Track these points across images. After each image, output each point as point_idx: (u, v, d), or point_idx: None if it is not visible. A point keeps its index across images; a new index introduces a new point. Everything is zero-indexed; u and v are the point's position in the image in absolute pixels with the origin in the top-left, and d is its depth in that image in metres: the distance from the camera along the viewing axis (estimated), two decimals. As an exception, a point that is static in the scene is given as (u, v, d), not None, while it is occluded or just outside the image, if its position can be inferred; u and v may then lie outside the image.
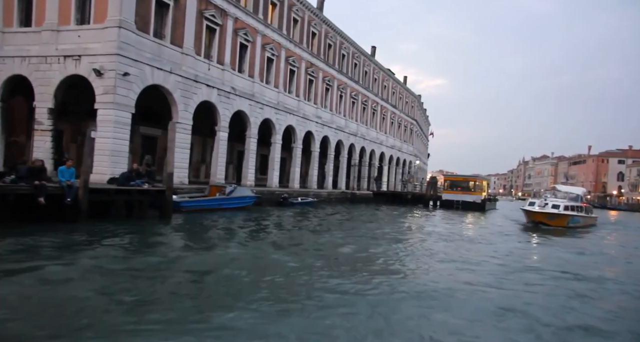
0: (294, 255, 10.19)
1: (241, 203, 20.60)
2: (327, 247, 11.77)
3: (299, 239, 13.08)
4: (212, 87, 22.43)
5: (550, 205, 24.37)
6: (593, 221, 28.94)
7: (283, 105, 29.22)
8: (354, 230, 16.71)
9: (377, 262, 10.15)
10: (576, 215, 24.87)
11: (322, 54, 34.19)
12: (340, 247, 11.79)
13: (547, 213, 23.64)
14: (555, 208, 23.97)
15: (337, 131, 37.26)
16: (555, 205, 24.27)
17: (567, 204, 24.74)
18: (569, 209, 24.53)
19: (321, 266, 9.24)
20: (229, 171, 30.75)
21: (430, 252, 12.19)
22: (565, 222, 23.64)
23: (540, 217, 23.74)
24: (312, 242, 12.46)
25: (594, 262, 13.26)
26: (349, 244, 12.21)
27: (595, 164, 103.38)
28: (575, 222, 24.64)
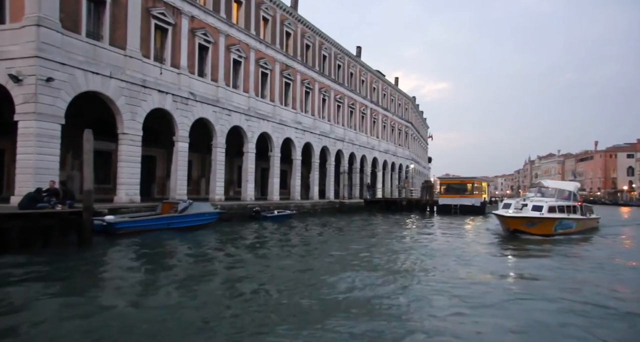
0: (195, 309, 7.54)
1: (199, 221, 18.21)
2: (259, 290, 9.25)
3: (225, 273, 10.56)
4: (165, 93, 20.23)
5: (531, 206, 18.89)
6: (593, 224, 23.92)
7: (255, 111, 26.97)
8: (316, 251, 14.25)
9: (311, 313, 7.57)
10: (567, 218, 19.53)
11: (299, 55, 32.02)
12: (275, 285, 9.26)
13: (524, 218, 18.15)
14: (537, 210, 18.47)
15: (321, 137, 34.91)
16: (537, 206, 18.70)
17: (553, 204, 19.16)
18: (557, 210, 19.14)
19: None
20: (199, 185, 28.55)
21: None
22: (551, 228, 18.50)
23: (515, 224, 18.12)
24: (238, 278, 9.93)
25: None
26: (286, 285, 9.40)
27: (603, 159, 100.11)
28: (566, 227, 19.46)
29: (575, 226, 20.13)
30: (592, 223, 23.55)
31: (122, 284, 8.67)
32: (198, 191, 28.06)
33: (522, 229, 18.11)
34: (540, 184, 22.65)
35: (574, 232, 19.89)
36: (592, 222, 23.71)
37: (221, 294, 8.01)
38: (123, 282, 8.86)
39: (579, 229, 20.71)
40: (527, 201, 19.69)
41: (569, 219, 19.70)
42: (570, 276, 10.54)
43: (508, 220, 18.30)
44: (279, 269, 10.40)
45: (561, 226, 19.03)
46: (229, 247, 13.83)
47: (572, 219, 19.93)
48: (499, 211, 19.61)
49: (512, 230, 18.21)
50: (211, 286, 8.58)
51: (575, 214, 20.75)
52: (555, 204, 19.42)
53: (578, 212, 21.17)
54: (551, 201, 19.54)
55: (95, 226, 14.54)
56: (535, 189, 22.71)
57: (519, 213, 18.66)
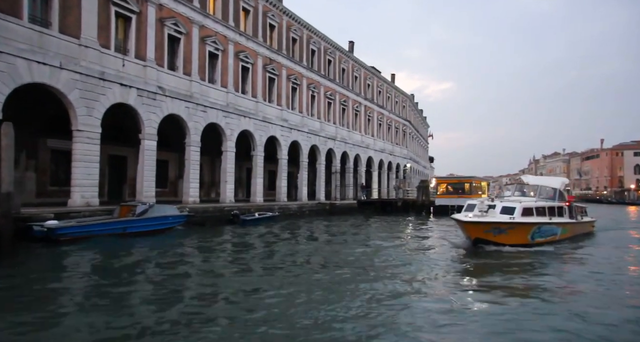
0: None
1: (161, 225, 16.57)
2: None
3: (144, 292, 8.90)
4: (128, 87, 18.63)
5: (499, 208, 14.66)
6: (586, 228, 19.99)
7: (235, 107, 25.34)
8: (272, 261, 12.60)
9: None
10: (548, 222, 15.35)
11: (284, 49, 30.38)
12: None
13: (488, 224, 13.89)
14: (507, 213, 14.36)
15: (310, 135, 33.23)
16: (508, 208, 14.59)
17: (529, 206, 15.01)
18: (535, 212, 14.98)
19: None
20: (177, 186, 26.94)
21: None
22: (526, 236, 14.49)
23: (477, 232, 13.99)
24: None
25: None
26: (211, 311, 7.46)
27: (609, 157, 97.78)
28: (548, 234, 15.44)
29: (560, 232, 16.19)
30: (584, 228, 19.72)
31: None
32: (175, 193, 26.47)
33: (487, 238, 13.93)
34: (519, 180, 19.03)
35: (559, 239, 16.11)
36: (585, 226, 19.94)
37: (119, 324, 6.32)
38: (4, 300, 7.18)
39: (567, 235, 16.90)
40: (496, 201, 15.41)
41: (552, 224, 15.55)
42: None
43: (467, 226, 14.05)
44: (210, 287, 8.70)
45: (541, 233, 15.01)
46: (176, 257, 12.15)
47: (556, 223, 15.79)
48: (459, 215, 15.10)
49: (474, 239, 14.03)
50: (108, 311, 6.90)
51: (562, 217, 16.63)
52: (533, 205, 15.25)
53: (565, 215, 17.07)
54: (528, 201, 15.61)
55: (35, 232, 13.03)
56: (514, 187, 18.71)
57: (482, 217, 14.21)
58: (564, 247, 15.25)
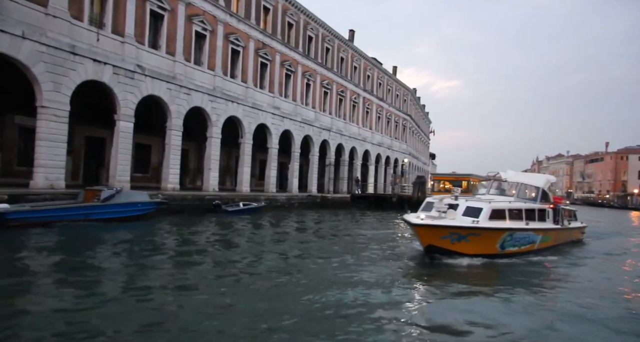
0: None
1: (128, 212, 15.47)
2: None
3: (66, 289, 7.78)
4: (103, 64, 17.44)
5: (462, 209, 11.75)
6: (574, 236, 17.27)
7: (222, 91, 24.12)
8: (231, 259, 11.46)
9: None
10: (524, 228, 12.52)
11: (279, 33, 29.06)
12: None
13: (445, 228, 10.95)
14: (471, 215, 11.50)
15: (303, 125, 31.99)
16: (473, 208, 11.74)
17: (500, 207, 12.22)
18: (507, 215, 12.20)
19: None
20: (160, 172, 25.82)
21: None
22: (494, 244, 11.62)
23: (430, 238, 10.98)
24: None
25: None
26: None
27: (613, 161, 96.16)
28: (522, 242, 12.59)
29: (540, 240, 13.39)
30: (571, 235, 16.89)
31: None
32: (158, 179, 25.30)
33: (443, 246, 10.99)
34: (497, 176, 15.51)
35: (538, 249, 13.32)
36: (573, 233, 17.09)
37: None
38: None
39: (549, 244, 14.17)
40: (459, 200, 12.18)
41: (529, 230, 12.72)
42: None
43: (419, 230, 11.08)
44: (139, 291, 7.56)
45: (513, 240, 12.14)
46: (122, 248, 11.02)
47: (534, 230, 12.92)
48: (409, 215, 12.00)
49: (426, 247, 11.15)
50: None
51: (543, 221, 13.84)
52: (506, 206, 12.48)
53: (548, 219, 14.26)
54: (500, 202, 12.96)
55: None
56: (490, 183, 15.57)
57: (437, 219, 11.35)
58: (540, 261, 12.47)
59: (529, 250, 12.96)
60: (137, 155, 24.40)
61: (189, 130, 25.24)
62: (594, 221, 35.14)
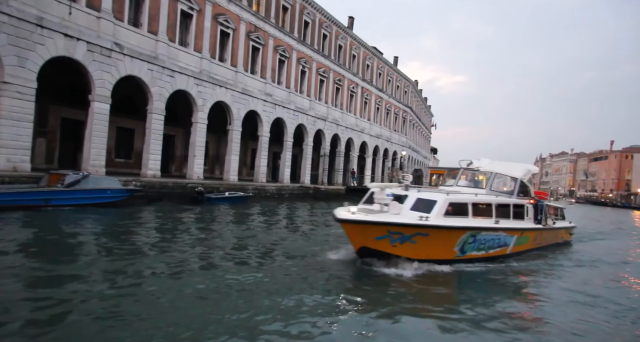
0: None
1: (95, 199, 14.47)
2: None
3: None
4: (75, 39, 16.29)
5: (411, 202, 9.50)
6: (557, 237, 14.66)
7: (209, 75, 22.96)
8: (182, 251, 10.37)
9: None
10: (492, 227, 10.09)
11: (272, 17, 27.79)
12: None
13: (383, 226, 8.36)
14: (420, 209, 9.17)
15: (297, 113, 30.81)
16: (424, 201, 9.46)
17: (460, 201, 9.76)
18: (469, 211, 9.77)
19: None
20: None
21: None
22: (450, 247, 9.30)
23: (363, 238, 8.52)
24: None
25: None
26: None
27: (618, 160, 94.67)
28: (490, 244, 10.18)
29: (515, 242, 11.05)
30: (555, 236, 14.39)
31: None
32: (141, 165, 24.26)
33: (381, 249, 8.50)
34: (469, 165, 12.97)
35: (512, 253, 11.05)
36: (558, 234, 14.68)
37: None
38: None
39: (526, 246, 11.91)
40: (410, 191, 9.99)
41: (499, 231, 10.30)
42: None
43: (347, 228, 8.46)
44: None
45: (477, 243, 9.76)
46: (71, 237, 9.99)
47: (506, 229, 10.53)
48: (340, 208, 9.28)
49: (359, 250, 8.67)
50: None
51: (519, 219, 11.43)
52: (470, 199, 9.96)
53: (527, 218, 11.87)
54: (463, 194, 10.47)
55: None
56: (459, 173, 12.81)
57: (374, 214, 8.72)
58: (510, 269, 10.01)
59: (500, 254, 10.60)
60: (120, 139, 23.40)
61: (176, 115, 24.25)
62: (594, 220, 33.99)
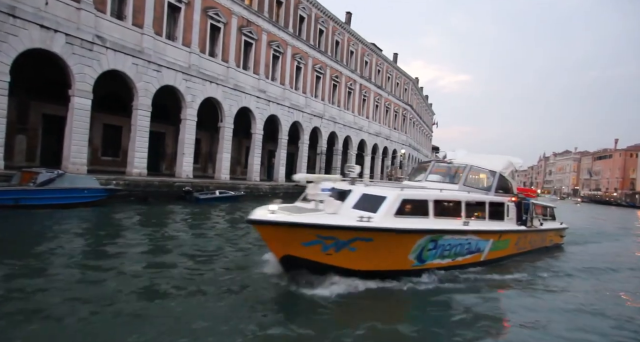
0: None
1: (70, 199, 13.72)
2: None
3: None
4: (52, 31, 15.56)
5: (354, 199, 7.63)
6: (546, 241, 12.82)
7: (199, 70, 22.21)
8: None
9: None
10: (458, 230, 8.32)
11: (265, 11, 27.00)
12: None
13: (311, 228, 6.50)
14: (367, 207, 7.37)
15: (292, 110, 30.03)
16: (371, 197, 7.58)
17: (416, 197, 7.93)
18: (431, 210, 8.00)
19: None
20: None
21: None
22: (404, 255, 7.44)
23: (285, 244, 6.61)
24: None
25: None
26: None
27: (622, 158, 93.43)
28: (459, 251, 8.47)
29: (490, 247, 9.31)
30: (544, 239, 12.65)
31: None
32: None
33: (310, 258, 6.72)
34: (444, 156, 11.59)
35: (487, 261, 9.29)
36: (547, 237, 12.90)
37: None
38: None
39: (506, 252, 10.15)
40: (355, 186, 8.19)
41: (468, 234, 8.54)
42: None
43: (263, 232, 6.64)
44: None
45: (442, 249, 8.02)
46: (24, 241, 9.27)
47: (479, 232, 8.87)
48: (259, 209, 7.25)
49: (282, 259, 6.82)
50: None
51: (499, 220, 9.79)
52: (432, 195, 8.17)
53: (508, 218, 10.20)
54: (425, 190, 8.69)
55: None
56: (431, 165, 10.93)
57: (307, 212, 7.02)
58: (481, 283, 8.01)
59: (472, 262, 8.82)
60: (107, 137, 22.72)
61: (166, 112, 23.53)
62: (600, 219, 33.06)
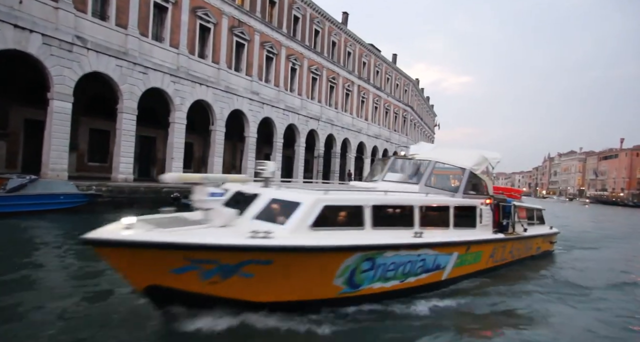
0: None
1: (43, 205, 13.04)
2: None
3: None
4: (27, 31, 14.93)
5: (259, 206, 5.88)
6: (531, 249, 10.86)
7: (187, 72, 21.54)
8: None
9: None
10: (408, 244, 6.32)
11: (258, 11, 26.36)
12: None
13: (178, 250, 4.56)
14: (272, 217, 5.68)
15: (287, 113, 29.31)
16: (282, 203, 5.84)
17: (344, 202, 6.12)
18: (366, 219, 6.05)
19: None
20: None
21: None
22: (328, 281, 5.56)
23: (148, 273, 4.68)
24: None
25: None
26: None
27: (629, 158, 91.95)
28: (410, 270, 6.46)
29: (455, 262, 7.43)
30: (529, 247, 10.73)
31: None
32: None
33: (185, 289, 4.85)
34: (401, 154, 9.93)
35: (450, 280, 7.42)
36: (533, 244, 10.93)
37: None
38: None
39: (478, 267, 8.20)
40: (266, 189, 6.37)
41: (424, 247, 6.64)
42: None
43: (113, 256, 4.66)
44: None
45: (383, 270, 6.05)
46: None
47: (436, 246, 6.88)
48: (114, 224, 5.01)
49: (146, 290, 4.85)
50: None
51: (469, 228, 8.06)
52: (369, 201, 6.23)
53: (480, 224, 8.30)
54: (357, 194, 6.72)
55: None
56: (391, 161, 9.28)
57: (180, 227, 5.06)
58: (436, 312, 6.14)
59: (430, 283, 6.92)
60: (93, 142, 22.07)
61: (157, 116, 22.89)
62: (607, 222, 32.01)
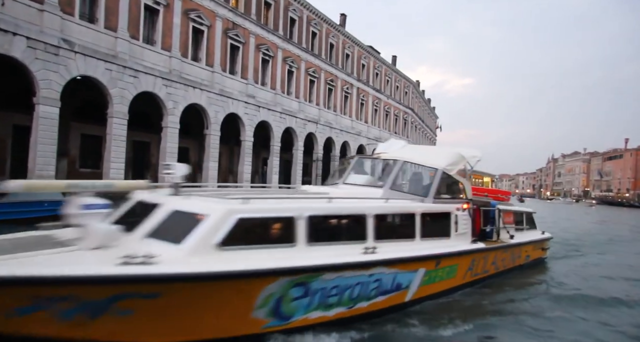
0: None
1: (25, 213, 12.62)
2: None
3: None
4: (9, 33, 14.50)
5: (154, 222, 4.86)
6: (519, 258, 9.90)
7: (180, 75, 21.12)
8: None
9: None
10: (356, 263, 5.34)
11: (253, 13, 25.97)
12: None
13: (15, 285, 3.44)
14: (173, 232, 4.64)
15: (284, 116, 28.85)
16: (186, 217, 4.74)
17: (266, 214, 5.08)
18: (298, 233, 5.04)
19: None
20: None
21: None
22: (245, 317, 4.62)
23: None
24: None
25: None
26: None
27: (634, 158, 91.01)
28: (362, 294, 5.51)
29: (422, 280, 6.43)
30: (517, 256, 9.81)
31: None
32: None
33: (39, 334, 3.73)
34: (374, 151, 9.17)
35: (413, 302, 6.41)
36: (522, 252, 10.02)
37: None
38: None
39: (452, 284, 7.23)
40: (169, 198, 5.25)
41: (378, 266, 5.64)
42: None
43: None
44: None
45: (321, 297, 5.10)
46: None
47: (394, 263, 5.86)
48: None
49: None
50: None
51: (442, 237, 7.17)
52: (306, 210, 5.23)
53: (456, 233, 7.37)
54: (292, 202, 5.73)
55: None
56: (354, 161, 8.48)
57: (29, 252, 4.17)
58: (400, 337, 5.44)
59: (390, 306, 6.04)
60: (85, 148, 21.66)
61: (151, 121, 22.44)
62: (612, 222, 31.25)
